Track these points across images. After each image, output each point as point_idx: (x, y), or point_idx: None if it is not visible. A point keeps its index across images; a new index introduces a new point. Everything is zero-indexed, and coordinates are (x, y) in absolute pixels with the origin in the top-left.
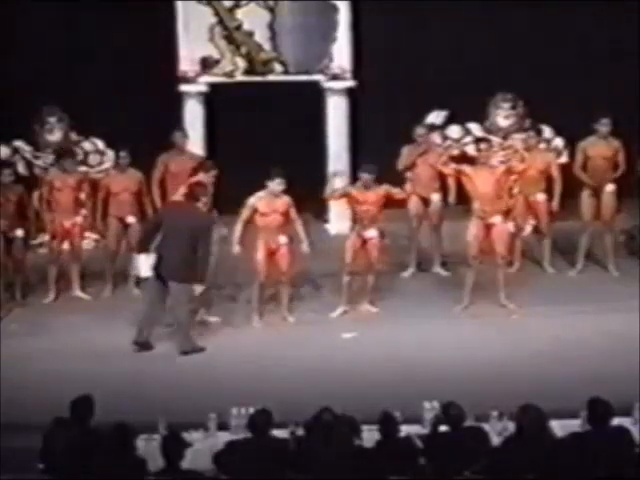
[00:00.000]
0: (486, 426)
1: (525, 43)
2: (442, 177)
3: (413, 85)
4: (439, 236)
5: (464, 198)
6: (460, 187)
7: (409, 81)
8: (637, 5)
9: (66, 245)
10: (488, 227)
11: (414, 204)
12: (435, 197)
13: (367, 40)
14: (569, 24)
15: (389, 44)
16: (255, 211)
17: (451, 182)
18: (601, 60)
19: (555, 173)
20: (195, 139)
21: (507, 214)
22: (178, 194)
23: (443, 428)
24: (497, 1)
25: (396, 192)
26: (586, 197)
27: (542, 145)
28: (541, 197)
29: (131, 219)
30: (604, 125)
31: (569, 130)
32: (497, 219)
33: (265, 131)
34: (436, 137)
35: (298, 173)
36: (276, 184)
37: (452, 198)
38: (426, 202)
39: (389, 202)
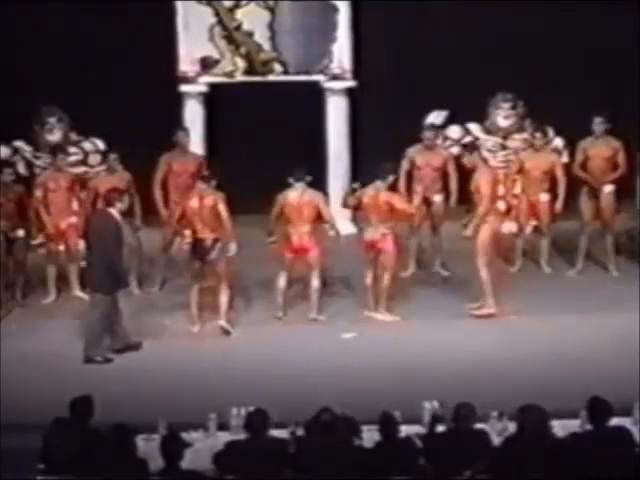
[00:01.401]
0: (486, 426)
1: (525, 43)
2: (445, 178)
3: (413, 85)
4: (439, 236)
5: (465, 199)
6: (462, 188)
7: (409, 81)
8: (637, 5)
9: (62, 246)
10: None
11: (416, 204)
12: (437, 198)
13: (367, 40)
14: (569, 24)
15: (389, 44)
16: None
17: (453, 184)
18: (601, 60)
19: (559, 174)
20: (195, 139)
21: (508, 214)
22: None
23: (442, 428)
24: (497, 1)
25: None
26: (585, 197)
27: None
28: (544, 197)
29: None
30: (598, 124)
31: (569, 130)
32: (497, 219)
33: (265, 131)
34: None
35: None
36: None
37: (454, 200)
38: (428, 202)
39: None
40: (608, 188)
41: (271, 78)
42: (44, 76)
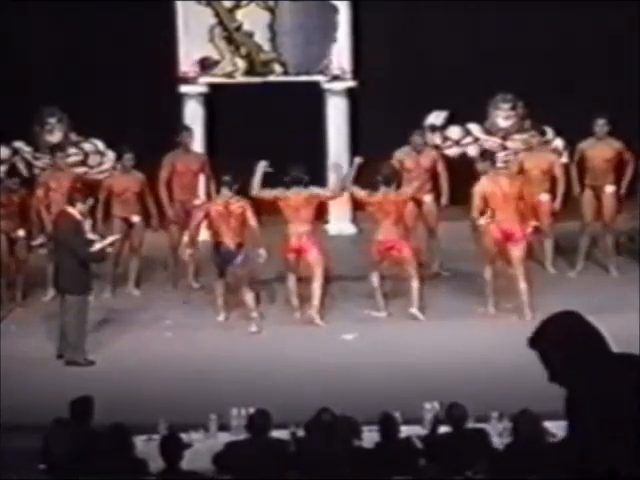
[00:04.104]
0: (486, 427)
1: (525, 43)
2: (435, 179)
3: (413, 85)
4: (436, 237)
5: (458, 199)
6: (453, 188)
7: (409, 81)
8: (637, 5)
9: None
10: (504, 232)
11: (408, 205)
12: (427, 198)
13: (367, 41)
14: (570, 24)
15: (389, 44)
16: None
17: (444, 184)
18: (601, 60)
19: (558, 173)
20: (195, 140)
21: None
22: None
23: (442, 429)
24: (498, 1)
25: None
26: (587, 198)
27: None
28: (545, 197)
29: (135, 218)
30: (600, 126)
31: (570, 131)
32: (514, 223)
33: (265, 132)
34: (436, 138)
35: None
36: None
37: (445, 200)
38: (419, 204)
39: None
40: (609, 188)
41: (271, 79)
42: (44, 77)
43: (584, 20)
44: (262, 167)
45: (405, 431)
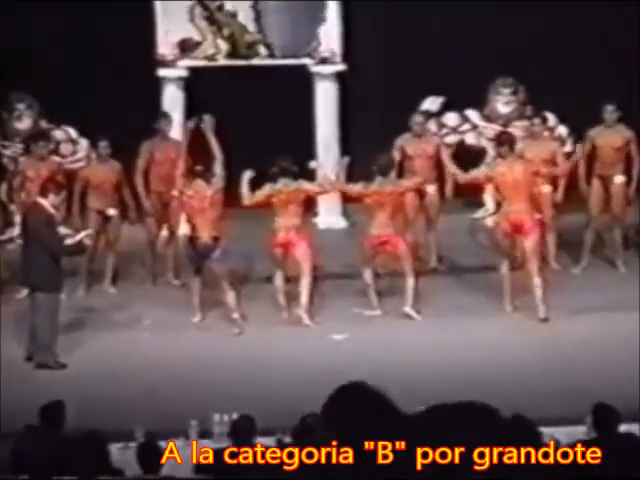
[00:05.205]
0: None
1: (525, 43)
2: (439, 168)
3: (407, 69)
4: (436, 230)
5: (462, 190)
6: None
7: (402, 65)
8: (637, 5)
9: None
10: (513, 224)
11: (409, 196)
12: (431, 189)
13: (358, 21)
14: (569, 24)
15: (381, 26)
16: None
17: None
18: (601, 60)
19: (560, 162)
20: (174, 126)
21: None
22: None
23: None
24: None
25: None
26: (594, 189)
27: (546, 133)
28: (546, 189)
29: (112, 211)
30: (609, 112)
31: (573, 118)
32: (524, 214)
33: (249, 119)
34: (431, 125)
35: None
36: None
37: (450, 189)
38: (421, 194)
39: None
40: (619, 179)
41: (256, 62)
42: (12, 60)
43: (584, 20)
44: (247, 177)
45: None
